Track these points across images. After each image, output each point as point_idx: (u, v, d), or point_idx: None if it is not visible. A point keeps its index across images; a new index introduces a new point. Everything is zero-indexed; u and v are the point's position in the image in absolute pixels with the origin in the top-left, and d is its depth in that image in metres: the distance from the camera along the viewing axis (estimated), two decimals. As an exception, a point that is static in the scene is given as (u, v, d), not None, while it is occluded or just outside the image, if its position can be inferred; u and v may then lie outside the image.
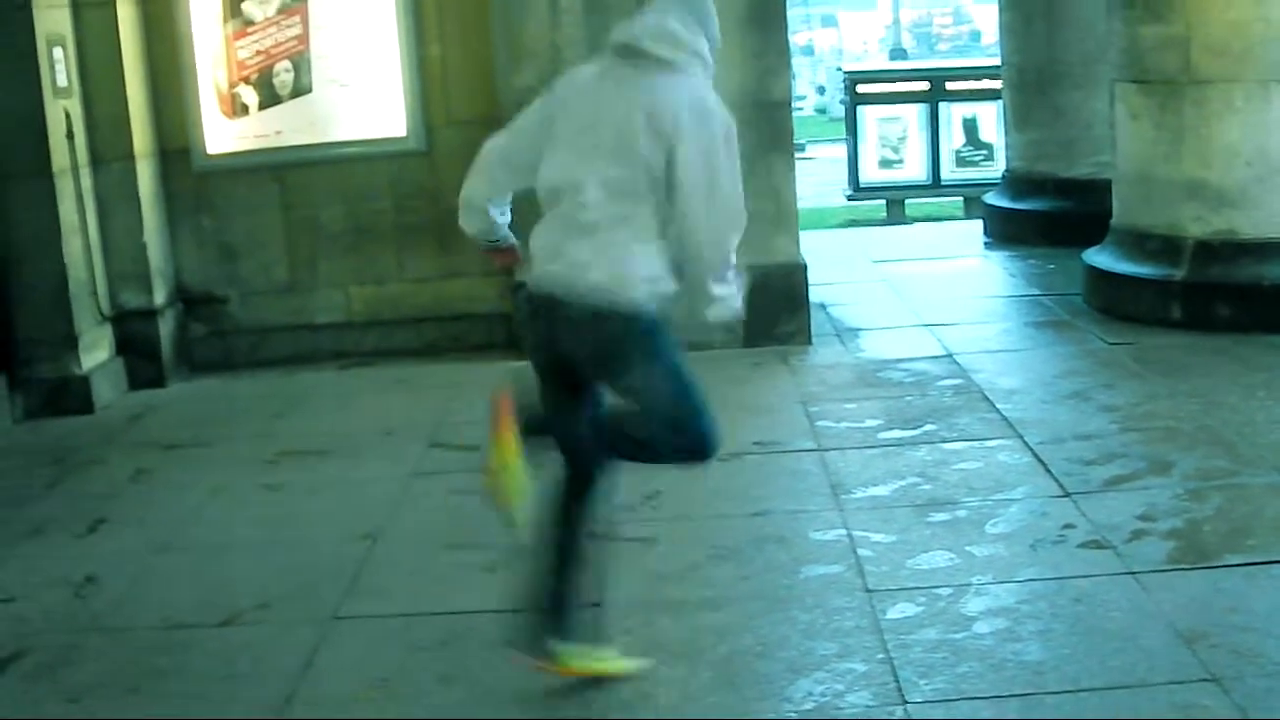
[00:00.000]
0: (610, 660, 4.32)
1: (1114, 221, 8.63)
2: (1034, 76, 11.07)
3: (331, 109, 8.50)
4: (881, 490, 5.85)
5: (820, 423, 6.80)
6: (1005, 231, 11.24)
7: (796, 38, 39.10)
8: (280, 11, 8.42)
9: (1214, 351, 7.48)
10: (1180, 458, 5.98)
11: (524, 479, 4.13)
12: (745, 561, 5.18)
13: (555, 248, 4.00)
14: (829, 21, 52.79)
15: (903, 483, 5.91)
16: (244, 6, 8.41)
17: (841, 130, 18.33)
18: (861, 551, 5.19)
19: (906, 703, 4.09)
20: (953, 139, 15.91)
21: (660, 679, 4.32)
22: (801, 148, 19.00)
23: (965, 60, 24.43)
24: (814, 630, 4.59)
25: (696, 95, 3.94)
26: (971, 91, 15.91)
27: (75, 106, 7.90)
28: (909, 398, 7.13)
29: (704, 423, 4.09)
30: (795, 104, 9.94)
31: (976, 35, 46.13)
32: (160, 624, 4.97)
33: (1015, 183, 11.39)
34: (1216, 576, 4.80)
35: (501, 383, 4.29)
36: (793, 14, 12.66)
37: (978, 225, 11.95)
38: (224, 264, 8.64)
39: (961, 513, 5.52)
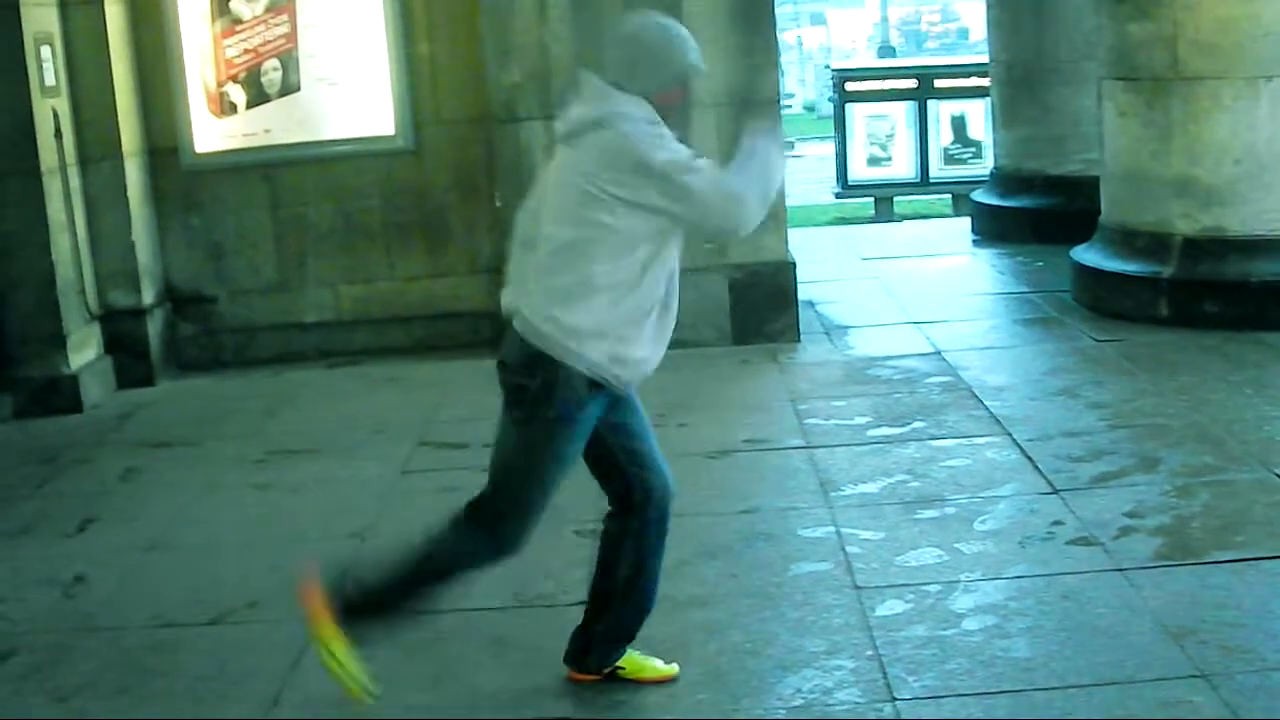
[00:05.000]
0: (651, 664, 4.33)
1: (1102, 219, 8.64)
2: (1022, 73, 11.08)
3: (320, 107, 8.49)
4: (870, 487, 5.85)
5: (809, 420, 6.80)
6: (993, 229, 11.25)
7: (785, 35, 39.09)
8: (268, 10, 8.41)
9: (1202, 348, 7.49)
10: (1168, 454, 5.99)
11: (353, 660, 4.11)
12: (734, 559, 5.18)
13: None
14: (818, 19, 52.74)
15: (891, 480, 5.92)
16: (232, 5, 8.40)
17: (830, 128, 18.37)
18: (850, 549, 5.19)
19: (895, 700, 4.09)
20: (941, 136, 15.95)
21: (650, 676, 4.33)
22: (790, 145, 19.03)
23: (953, 58, 24.43)
24: (803, 627, 4.59)
25: (608, 144, 3.94)
26: (960, 89, 15.96)
27: (63, 105, 7.89)
28: (898, 395, 7.14)
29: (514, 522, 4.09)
30: (784, 101, 9.94)
31: (964, 33, 46.09)
32: (149, 623, 4.97)
33: (1004, 180, 11.41)
34: (1205, 573, 4.80)
35: (307, 568, 4.23)
36: (781, 12, 12.67)
37: (966, 222, 11.97)
38: (213, 263, 8.63)
39: (950, 510, 5.53)
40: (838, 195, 16.74)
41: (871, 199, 16.40)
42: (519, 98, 8.11)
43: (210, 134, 8.51)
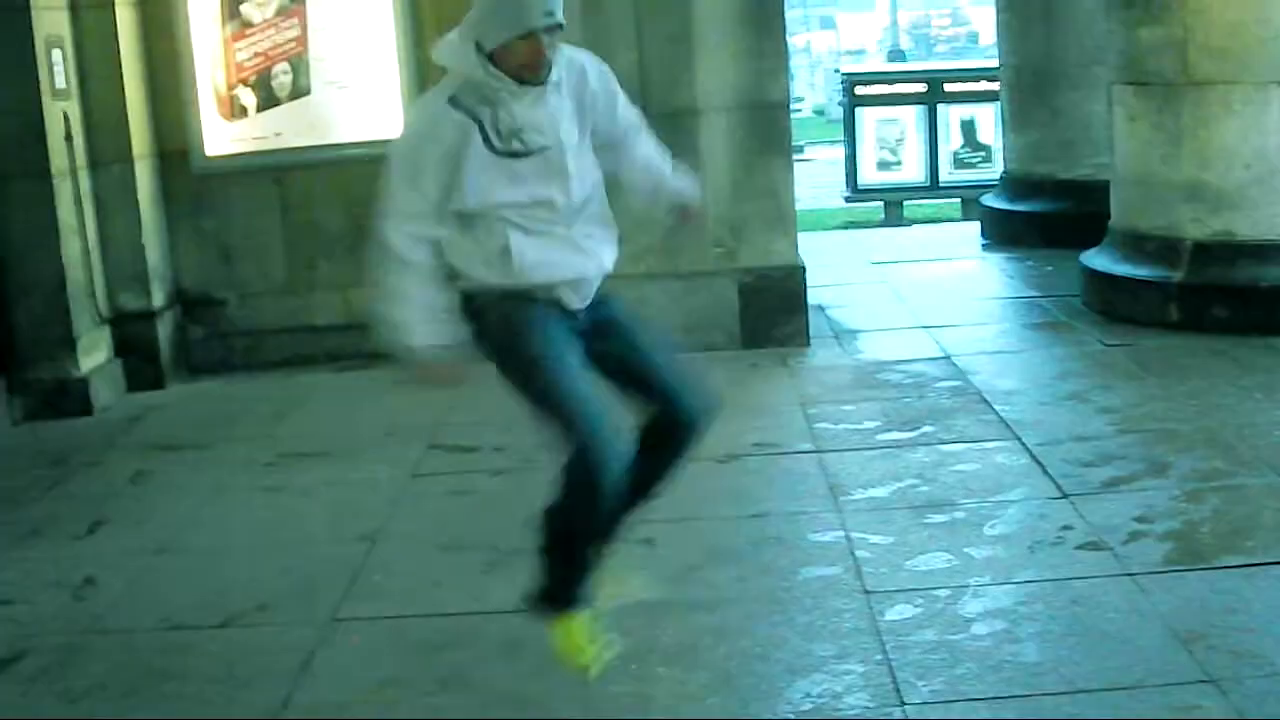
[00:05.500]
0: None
1: (1112, 223, 8.63)
2: (1032, 78, 11.07)
3: (330, 111, 8.50)
4: (880, 492, 5.85)
5: (819, 424, 6.80)
6: (1003, 233, 11.24)
7: (795, 39, 39.10)
8: (278, 13, 8.42)
9: (1211, 353, 7.48)
10: (1178, 459, 5.98)
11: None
12: (743, 563, 5.18)
13: None
14: (827, 23, 52.79)
15: (901, 484, 5.91)
16: (242, 8, 8.41)
17: (839, 132, 18.36)
18: (860, 553, 5.19)
19: (904, 704, 4.09)
20: (951, 140, 15.92)
21: (658, 680, 4.33)
22: (800, 149, 19.03)
23: (963, 62, 24.43)
24: (812, 632, 4.59)
25: None
26: (969, 93, 15.92)
27: (74, 108, 7.91)
28: (907, 399, 7.13)
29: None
30: (793, 105, 9.93)
31: (974, 37, 46.17)
32: (159, 625, 4.98)
33: (1013, 184, 11.39)
34: (1214, 578, 4.79)
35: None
36: (791, 15, 12.66)
37: (976, 227, 11.95)
38: (223, 266, 8.63)
39: (959, 514, 5.53)
40: (847, 199, 16.71)
41: (881, 203, 16.38)
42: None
43: (221, 137, 8.51)
